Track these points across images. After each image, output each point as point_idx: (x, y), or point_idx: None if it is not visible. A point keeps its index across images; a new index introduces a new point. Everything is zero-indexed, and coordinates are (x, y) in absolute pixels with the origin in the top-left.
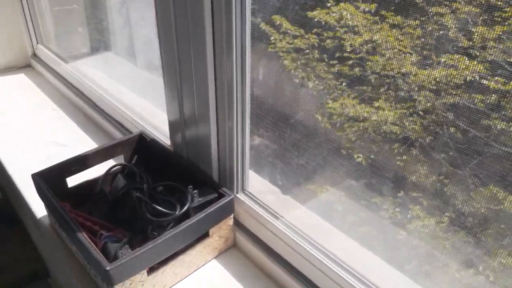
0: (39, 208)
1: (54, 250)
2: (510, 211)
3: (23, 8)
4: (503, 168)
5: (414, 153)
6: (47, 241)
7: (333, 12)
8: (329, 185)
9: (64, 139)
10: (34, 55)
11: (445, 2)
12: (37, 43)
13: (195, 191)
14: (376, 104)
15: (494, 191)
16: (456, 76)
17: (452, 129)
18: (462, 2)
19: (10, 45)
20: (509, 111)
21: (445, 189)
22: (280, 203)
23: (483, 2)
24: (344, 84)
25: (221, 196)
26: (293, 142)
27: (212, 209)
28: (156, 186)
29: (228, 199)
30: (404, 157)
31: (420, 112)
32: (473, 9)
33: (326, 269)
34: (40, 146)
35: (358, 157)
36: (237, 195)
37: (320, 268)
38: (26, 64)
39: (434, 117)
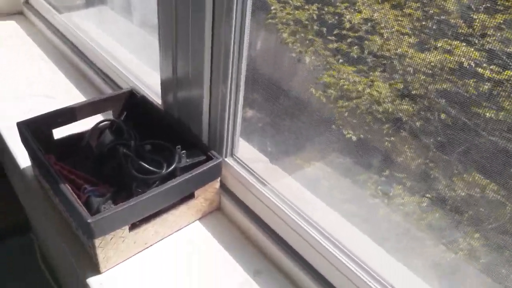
0: (23, 159)
1: (37, 202)
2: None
3: None
4: (487, 157)
5: (403, 135)
6: (30, 193)
7: None
8: (316, 159)
9: (52, 91)
10: (27, 2)
11: None
12: None
13: (183, 151)
14: (370, 83)
15: (476, 178)
16: (452, 61)
17: (443, 115)
18: None
19: None
20: (501, 100)
21: (430, 172)
22: (267, 172)
23: None
24: (340, 61)
25: (209, 158)
26: (285, 113)
27: (199, 171)
28: (143, 144)
29: (216, 162)
30: (393, 138)
31: (413, 95)
32: None
33: (309, 237)
34: (28, 96)
35: (348, 133)
36: (226, 159)
37: (304, 236)
38: (18, 11)
39: (426, 102)
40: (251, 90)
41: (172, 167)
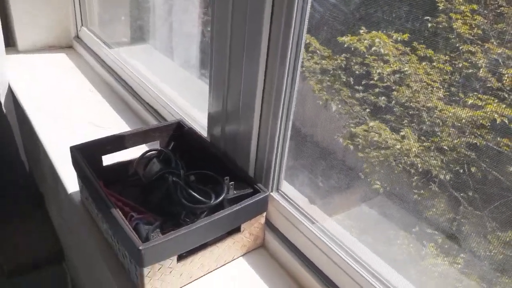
0: (70, 184)
1: (82, 228)
2: None
3: None
4: None
5: (432, 188)
6: (75, 218)
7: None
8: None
9: (100, 121)
10: (77, 37)
11: (477, 42)
12: (82, 25)
13: (232, 183)
14: (399, 134)
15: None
16: (482, 116)
17: (473, 169)
18: (495, 43)
19: (56, 25)
20: None
21: (462, 228)
22: (308, 210)
23: None
24: (367, 110)
25: (256, 191)
26: (318, 159)
27: (247, 203)
28: (191, 174)
29: (264, 195)
30: (422, 191)
31: (443, 148)
32: (506, 51)
33: (362, 281)
34: (76, 124)
35: (376, 184)
36: (272, 193)
37: (356, 280)
38: (68, 45)
39: (455, 155)
40: None
41: (221, 197)
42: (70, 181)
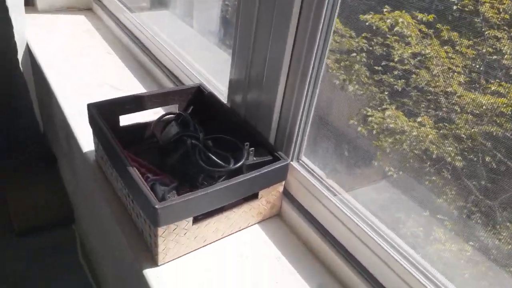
0: (86, 143)
1: (96, 187)
2: None
3: None
4: None
5: (445, 175)
6: (89, 178)
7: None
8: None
9: (117, 83)
10: None
11: (504, 27)
12: None
13: (252, 149)
14: (417, 120)
15: None
16: (503, 104)
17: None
18: None
19: None
20: None
21: (472, 217)
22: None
23: None
24: (386, 93)
25: (276, 159)
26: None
27: (266, 170)
28: (210, 138)
29: (284, 163)
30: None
31: (459, 135)
32: None
33: (383, 253)
34: (93, 85)
35: (390, 170)
36: (292, 162)
37: (377, 252)
38: (88, 7)
39: (470, 143)
40: None
41: (240, 163)
42: (85, 140)
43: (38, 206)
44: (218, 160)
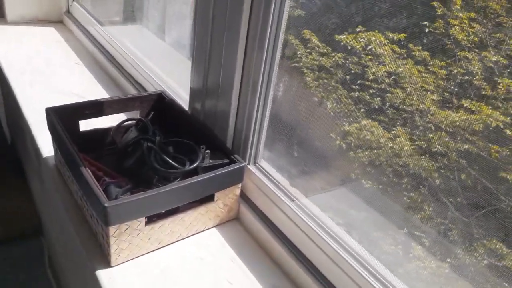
0: (46, 149)
1: (54, 192)
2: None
3: None
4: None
5: (422, 191)
6: (49, 182)
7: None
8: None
9: (83, 92)
10: (68, 11)
11: (475, 50)
12: (73, 0)
13: (207, 151)
14: (391, 135)
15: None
16: (475, 122)
17: (463, 176)
18: (492, 52)
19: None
20: None
21: (448, 233)
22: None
23: None
24: (362, 110)
25: (232, 162)
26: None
27: (221, 172)
28: (168, 142)
29: (240, 165)
30: (411, 194)
31: (433, 152)
32: (501, 59)
33: (338, 259)
34: (60, 94)
35: (367, 183)
36: (248, 166)
37: (332, 257)
38: (59, 20)
39: (446, 161)
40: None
41: (195, 164)
42: (46, 146)
43: (5, 218)
44: (173, 162)
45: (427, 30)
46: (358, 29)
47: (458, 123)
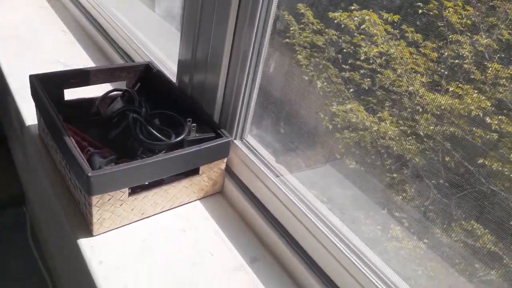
0: (29, 118)
1: (37, 161)
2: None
3: None
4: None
5: (405, 172)
6: (32, 151)
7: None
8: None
9: (70, 61)
10: None
11: (467, 33)
12: None
13: (194, 124)
14: (378, 116)
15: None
16: (462, 106)
17: (447, 158)
18: (483, 36)
19: None
20: (505, 151)
21: (428, 214)
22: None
23: (503, 40)
24: (351, 90)
25: (218, 136)
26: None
27: (207, 146)
28: (154, 114)
29: (226, 140)
30: (394, 174)
31: (419, 134)
32: (493, 43)
33: (319, 233)
34: (46, 63)
35: (351, 163)
36: (235, 141)
37: (311, 230)
38: None
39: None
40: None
41: (181, 137)
42: (29, 115)
43: None
44: (158, 134)
45: (420, 11)
46: (352, 7)
47: (444, 106)
